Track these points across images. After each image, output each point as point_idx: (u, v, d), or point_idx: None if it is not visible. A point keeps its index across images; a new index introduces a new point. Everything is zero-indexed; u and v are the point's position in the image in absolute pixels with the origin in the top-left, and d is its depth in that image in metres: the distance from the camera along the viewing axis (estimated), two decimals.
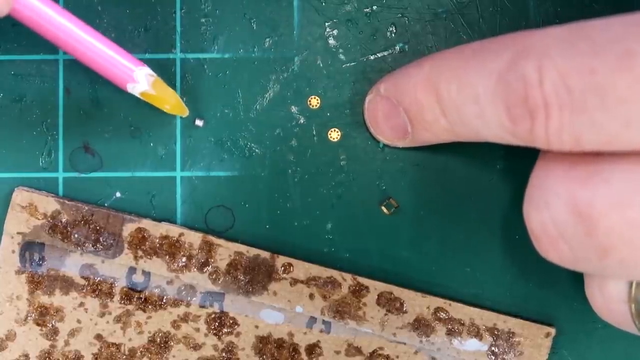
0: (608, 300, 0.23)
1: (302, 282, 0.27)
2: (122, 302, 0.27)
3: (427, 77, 0.22)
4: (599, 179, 0.19)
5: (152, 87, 0.25)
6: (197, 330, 0.27)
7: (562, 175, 0.20)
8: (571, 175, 0.20)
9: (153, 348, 0.27)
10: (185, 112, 0.26)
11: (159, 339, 0.27)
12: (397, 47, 0.27)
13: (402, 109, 0.24)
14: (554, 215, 0.20)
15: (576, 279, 0.27)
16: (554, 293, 0.27)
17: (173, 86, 0.27)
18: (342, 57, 0.27)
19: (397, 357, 0.27)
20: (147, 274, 0.27)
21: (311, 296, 0.27)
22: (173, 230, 0.27)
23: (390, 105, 0.25)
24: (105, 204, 0.27)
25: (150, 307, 0.27)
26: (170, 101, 0.25)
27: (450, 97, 0.22)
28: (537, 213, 0.21)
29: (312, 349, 0.27)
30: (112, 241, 0.27)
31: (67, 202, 0.27)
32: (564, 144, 0.19)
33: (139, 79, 0.24)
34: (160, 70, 0.27)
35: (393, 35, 0.27)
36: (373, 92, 0.26)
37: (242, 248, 0.27)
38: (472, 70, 0.21)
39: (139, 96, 0.25)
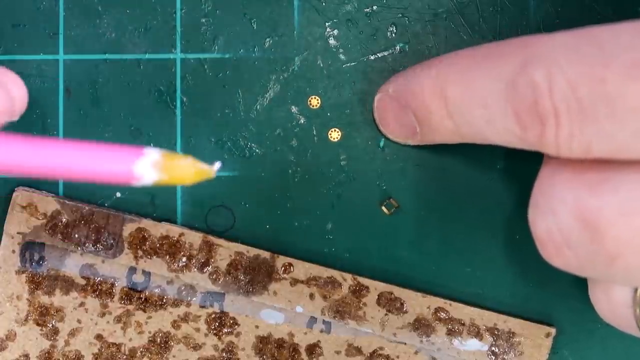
0: (613, 304, 0.22)
1: (302, 282, 0.27)
2: (123, 302, 0.27)
3: (435, 80, 0.22)
4: (606, 187, 0.19)
5: (163, 170, 0.20)
6: (197, 330, 0.27)
7: (569, 182, 0.20)
8: (578, 182, 0.20)
9: (153, 348, 0.27)
10: (212, 174, 0.21)
11: (159, 339, 0.27)
12: (397, 47, 0.27)
13: (410, 109, 0.24)
14: (559, 221, 0.20)
15: (576, 279, 0.27)
16: (554, 293, 0.27)
17: (173, 86, 0.27)
18: (342, 57, 0.27)
19: (397, 357, 0.27)
20: (147, 274, 0.27)
21: (311, 296, 0.27)
22: (173, 230, 0.27)
23: (398, 105, 0.25)
24: (105, 204, 0.27)
25: (150, 307, 0.27)
26: (188, 175, 0.21)
27: (458, 101, 0.22)
28: (542, 219, 0.21)
29: (312, 349, 0.27)
30: (112, 241, 0.27)
31: (67, 202, 0.27)
32: (574, 151, 0.19)
33: (142, 172, 0.20)
34: (160, 70, 0.27)
35: (393, 35, 0.27)
36: (382, 92, 0.26)
37: (242, 248, 0.27)
38: (480, 74, 0.21)
39: (151, 185, 0.21)
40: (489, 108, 0.21)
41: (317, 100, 0.27)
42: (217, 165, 0.21)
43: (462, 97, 0.21)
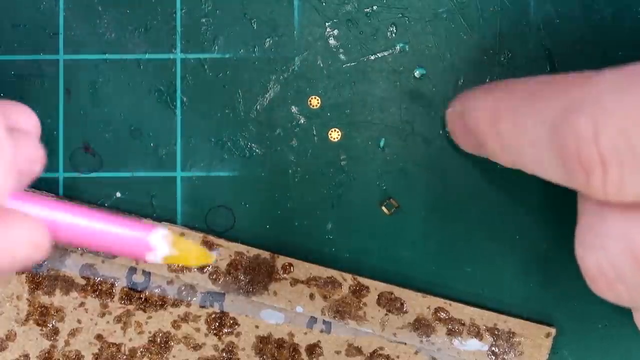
0: None
1: (302, 282, 0.27)
2: (123, 302, 0.27)
3: (490, 113, 0.22)
4: None
5: (173, 246, 0.21)
6: (198, 330, 0.27)
7: (618, 219, 0.19)
8: (628, 217, 0.19)
9: (153, 348, 0.27)
10: (212, 259, 0.23)
11: (159, 339, 0.27)
12: (398, 47, 0.27)
13: (473, 131, 0.24)
14: (610, 257, 0.20)
15: (576, 279, 0.27)
16: (554, 293, 0.27)
17: (173, 86, 0.27)
18: (342, 57, 0.27)
19: (398, 357, 0.27)
20: (147, 274, 0.27)
21: (311, 296, 0.27)
22: (173, 230, 0.27)
23: (463, 124, 0.24)
24: (105, 204, 0.27)
25: (150, 307, 0.27)
26: (193, 254, 0.22)
27: (509, 137, 0.21)
28: (592, 254, 0.20)
29: (312, 349, 0.27)
30: None
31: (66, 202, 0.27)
32: (624, 198, 0.18)
33: (157, 244, 0.21)
34: (160, 70, 0.27)
35: (393, 35, 0.27)
36: (451, 107, 0.25)
37: (242, 248, 0.27)
38: (527, 115, 0.20)
39: (160, 262, 0.22)
40: (536, 148, 0.20)
41: (317, 100, 0.27)
42: (216, 253, 0.25)
43: (513, 134, 0.21)
